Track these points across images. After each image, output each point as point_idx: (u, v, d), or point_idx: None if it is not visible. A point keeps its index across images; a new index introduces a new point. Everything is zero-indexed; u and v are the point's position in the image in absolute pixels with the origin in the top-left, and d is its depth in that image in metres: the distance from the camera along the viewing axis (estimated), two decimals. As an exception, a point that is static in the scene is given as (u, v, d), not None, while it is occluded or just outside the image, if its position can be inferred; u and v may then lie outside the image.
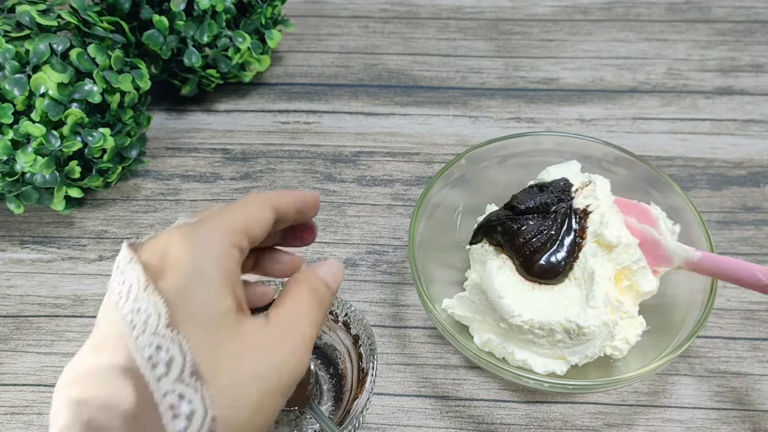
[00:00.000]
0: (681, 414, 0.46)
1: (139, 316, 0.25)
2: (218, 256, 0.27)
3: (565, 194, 0.44)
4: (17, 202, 0.51)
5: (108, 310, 0.27)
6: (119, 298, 0.26)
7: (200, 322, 0.26)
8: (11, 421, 0.46)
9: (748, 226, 0.55)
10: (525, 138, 0.49)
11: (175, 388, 0.24)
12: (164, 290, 0.26)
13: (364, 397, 0.41)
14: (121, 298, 0.26)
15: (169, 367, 0.24)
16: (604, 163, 0.49)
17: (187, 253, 0.27)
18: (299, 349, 0.28)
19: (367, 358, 0.43)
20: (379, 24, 0.71)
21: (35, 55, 0.47)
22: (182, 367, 0.25)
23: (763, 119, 0.62)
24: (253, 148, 0.61)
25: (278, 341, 0.28)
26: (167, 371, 0.24)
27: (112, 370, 0.25)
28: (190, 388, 0.24)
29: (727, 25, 0.70)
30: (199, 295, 0.26)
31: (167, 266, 0.27)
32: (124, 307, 0.26)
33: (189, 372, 0.25)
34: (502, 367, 0.40)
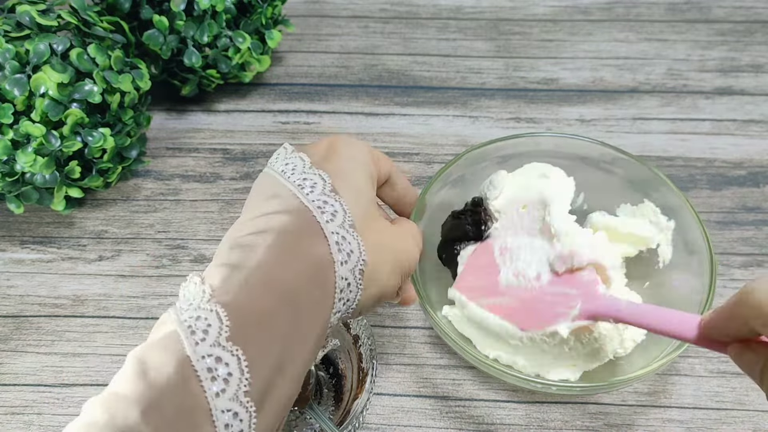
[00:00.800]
0: (681, 414, 0.46)
1: (307, 182, 0.33)
2: (366, 159, 0.36)
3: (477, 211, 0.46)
4: (17, 202, 0.51)
5: (269, 181, 0.34)
6: (285, 171, 0.33)
7: (354, 193, 0.34)
8: (11, 421, 0.46)
9: (748, 227, 0.55)
10: (524, 139, 0.49)
11: (338, 231, 0.32)
12: (327, 168, 0.34)
13: (364, 397, 0.41)
14: (285, 172, 0.33)
15: (334, 216, 0.32)
16: (602, 163, 0.49)
17: (346, 148, 0.35)
18: (416, 247, 0.38)
19: (367, 358, 0.43)
20: (379, 24, 0.71)
21: (35, 55, 0.47)
22: (344, 218, 0.32)
23: (763, 119, 0.62)
24: (253, 149, 0.61)
25: (404, 234, 0.37)
26: (333, 218, 0.32)
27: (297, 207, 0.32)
28: (350, 235, 0.32)
29: (727, 25, 0.70)
30: (352, 176, 0.34)
31: (332, 154, 0.35)
32: (291, 177, 0.33)
33: (349, 224, 0.32)
34: (511, 373, 0.40)
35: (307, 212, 0.32)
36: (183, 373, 0.26)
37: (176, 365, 0.26)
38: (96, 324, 0.50)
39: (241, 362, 0.27)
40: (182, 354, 0.27)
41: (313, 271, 0.31)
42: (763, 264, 0.53)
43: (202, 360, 0.26)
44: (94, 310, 0.51)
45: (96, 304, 0.51)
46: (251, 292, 0.29)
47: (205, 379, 0.26)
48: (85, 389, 0.47)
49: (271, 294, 0.29)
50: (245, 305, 0.28)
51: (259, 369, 0.28)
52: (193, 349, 0.27)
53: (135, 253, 0.54)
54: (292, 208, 0.32)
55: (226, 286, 0.29)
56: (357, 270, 0.32)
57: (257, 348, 0.28)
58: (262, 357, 0.28)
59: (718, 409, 0.46)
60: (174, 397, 0.26)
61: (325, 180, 0.33)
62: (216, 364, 0.27)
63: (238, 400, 0.27)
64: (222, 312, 0.28)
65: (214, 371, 0.26)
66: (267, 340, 0.28)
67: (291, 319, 0.29)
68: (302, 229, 0.31)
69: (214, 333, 0.27)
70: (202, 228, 0.56)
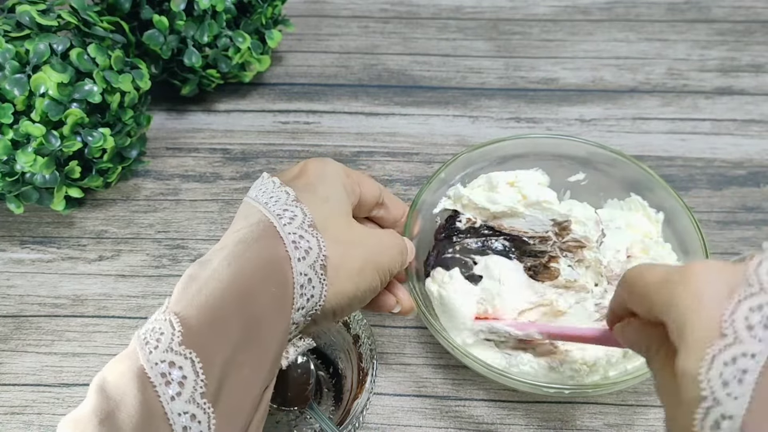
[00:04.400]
0: (681, 414, 0.46)
1: (272, 198, 0.34)
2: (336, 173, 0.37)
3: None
4: (17, 202, 0.51)
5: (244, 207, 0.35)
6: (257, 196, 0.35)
7: (318, 201, 0.35)
8: (11, 421, 0.46)
9: (748, 226, 0.55)
10: (521, 140, 0.49)
11: (296, 232, 0.33)
12: (296, 185, 0.35)
13: (364, 397, 0.41)
14: (257, 197, 0.35)
15: (292, 220, 0.33)
16: (600, 165, 0.49)
17: (316, 167, 0.37)
18: (396, 246, 0.38)
19: (367, 358, 0.43)
20: (379, 24, 0.71)
21: (35, 55, 0.47)
22: (303, 220, 0.33)
23: (763, 119, 0.62)
24: (253, 148, 0.61)
25: (381, 233, 0.38)
26: (291, 222, 0.33)
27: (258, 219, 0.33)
28: (308, 234, 0.33)
29: (727, 25, 0.70)
30: (321, 188, 0.36)
31: (302, 173, 0.37)
32: (260, 198, 0.34)
33: (308, 224, 0.33)
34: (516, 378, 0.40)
35: (266, 221, 0.33)
36: (138, 383, 0.27)
37: (131, 376, 0.27)
38: (96, 324, 0.50)
39: (195, 364, 0.28)
40: (137, 364, 0.28)
41: (269, 270, 0.31)
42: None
43: (155, 366, 0.27)
44: (93, 310, 0.51)
45: (96, 304, 0.51)
46: (204, 298, 0.30)
47: (159, 384, 0.27)
48: (85, 389, 0.47)
49: (224, 298, 0.30)
50: (198, 311, 0.29)
51: (214, 370, 0.28)
52: (146, 358, 0.28)
53: (135, 253, 0.54)
54: (254, 220, 0.33)
55: (180, 296, 0.30)
56: (318, 265, 0.32)
57: (211, 350, 0.28)
58: (216, 357, 0.28)
59: (718, 409, 0.46)
60: (129, 406, 0.27)
61: (289, 194, 0.34)
62: (169, 368, 0.27)
63: (195, 402, 0.27)
64: (174, 320, 0.29)
65: (168, 375, 0.27)
66: (221, 341, 0.29)
67: (246, 319, 0.30)
68: (259, 236, 0.32)
69: (166, 340, 0.28)
70: (202, 228, 0.56)
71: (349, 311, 0.36)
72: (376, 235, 0.38)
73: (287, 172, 0.38)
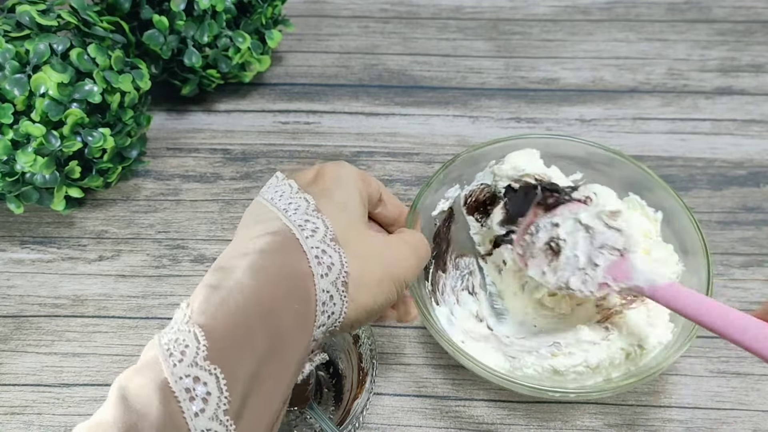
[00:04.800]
0: (681, 414, 0.46)
1: (291, 205, 0.33)
2: (353, 178, 0.36)
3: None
4: (17, 202, 0.51)
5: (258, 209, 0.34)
6: (273, 198, 0.34)
7: (337, 210, 0.34)
8: (11, 421, 0.46)
9: (748, 226, 0.55)
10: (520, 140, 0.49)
11: (318, 245, 0.32)
12: (313, 191, 0.35)
13: (364, 397, 0.41)
14: (273, 199, 0.34)
15: (315, 232, 0.32)
16: (599, 165, 0.49)
17: (333, 171, 0.36)
18: (413, 257, 0.37)
19: (367, 358, 0.43)
20: (379, 24, 0.71)
21: (35, 55, 0.47)
22: (325, 233, 0.33)
23: (763, 119, 0.62)
24: (253, 149, 0.61)
25: (398, 243, 0.37)
26: (314, 234, 0.32)
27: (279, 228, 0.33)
28: (330, 248, 0.32)
29: (727, 25, 0.70)
30: (338, 194, 0.35)
31: (319, 178, 0.36)
32: (278, 203, 0.34)
33: (330, 237, 0.32)
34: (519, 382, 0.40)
35: (288, 231, 0.32)
36: (161, 396, 0.27)
37: (155, 388, 0.27)
38: (96, 324, 0.50)
39: (219, 381, 0.27)
40: (161, 377, 0.27)
41: (292, 286, 0.31)
42: (764, 264, 0.53)
43: (180, 381, 0.27)
44: (94, 310, 0.51)
45: (96, 304, 0.51)
46: (229, 311, 0.29)
47: (184, 399, 0.27)
48: (85, 389, 0.47)
49: (248, 312, 0.29)
50: (222, 324, 0.29)
51: (237, 386, 0.28)
52: (171, 371, 0.27)
53: (135, 253, 0.54)
54: (275, 229, 0.32)
55: (204, 306, 0.29)
56: (339, 282, 0.32)
57: (235, 366, 0.28)
58: (240, 374, 0.28)
59: (718, 409, 0.46)
60: (153, 419, 0.26)
61: (308, 201, 0.34)
62: (194, 384, 0.27)
63: (218, 419, 0.27)
64: (199, 332, 0.28)
65: (192, 391, 0.27)
66: (245, 357, 0.29)
67: (270, 335, 0.30)
68: (282, 247, 0.32)
69: (191, 353, 0.28)
70: (202, 228, 0.56)
71: (365, 323, 0.35)
72: (392, 246, 0.37)
73: (302, 174, 0.37)
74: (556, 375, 0.42)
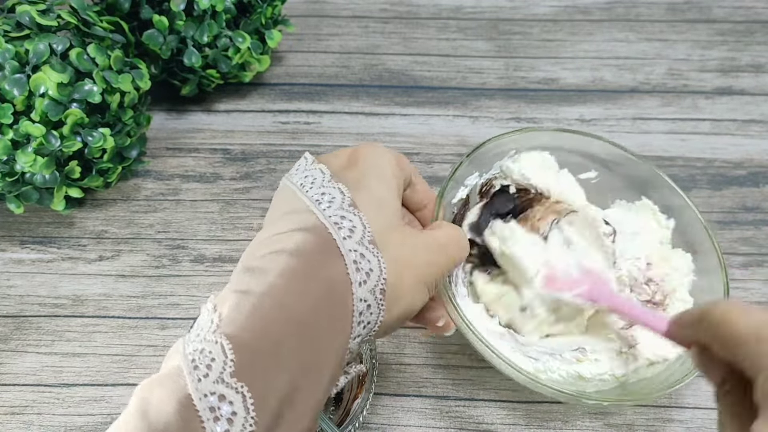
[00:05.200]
0: (681, 414, 0.46)
1: (325, 197, 0.31)
2: (390, 165, 0.34)
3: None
4: (17, 202, 0.51)
5: (288, 195, 0.32)
6: (304, 185, 0.32)
7: (375, 205, 0.32)
8: (11, 421, 0.46)
9: (748, 226, 0.55)
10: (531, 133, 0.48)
11: (356, 248, 0.30)
12: (348, 178, 0.32)
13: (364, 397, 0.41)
14: (304, 186, 0.32)
15: (352, 231, 0.30)
16: (613, 164, 0.49)
17: (369, 156, 0.34)
18: (446, 257, 0.35)
19: (367, 358, 0.43)
20: (379, 24, 0.71)
21: (35, 55, 0.47)
22: (363, 234, 0.30)
23: (763, 119, 0.62)
24: (253, 149, 0.61)
25: (429, 246, 0.34)
26: (351, 234, 0.30)
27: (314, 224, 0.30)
28: (369, 252, 0.30)
29: (727, 25, 0.70)
30: (375, 185, 0.33)
31: (353, 163, 0.33)
32: (309, 191, 0.32)
33: (368, 239, 0.30)
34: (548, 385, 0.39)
35: (323, 230, 0.30)
36: (184, 414, 0.25)
37: (177, 405, 0.25)
38: (96, 324, 0.50)
39: (246, 400, 0.26)
40: (184, 392, 0.25)
41: (328, 295, 0.29)
42: (763, 264, 0.53)
43: (204, 399, 0.25)
44: (94, 310, 0.51)
45: (96, 304, 0.51)
46: (260, 320, 0.27)
47: (207, 419, 0.25)
48: (85, 389, 0.47)
49: (281, 322, 0.28)
50: (252, 336, 0.27)
51: (267, 404, 0.26)
52: (195, 386, 0.25)
53: (135, 253, 0.54)
54: (309, 225, 0.30)
55: (233, 314, 0.27)
56: (378, 290, 0.30)
57: (265, 382, 0.26)
58: (269, 391, 0.26)
59: (718, 409, 0.46)
60: None
61: (344, 194, 0.31)
62: (219, 402, 0.25)
63: None
64: (227, 344, 0.26)
65: (216, 411, 0.25)
66: (276, 372, 0.27)
67: (303, 348, 0.28)
68: (317, 248, 0.29)
69: (217, 368, 0.26)
70: (202, 228, 0.56)
71: (392, 331, 0.34)
72: (427, 246, 0.34)
73: (333, 157, 0.34)
74: (580, 380, 0.42)
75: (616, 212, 0.49)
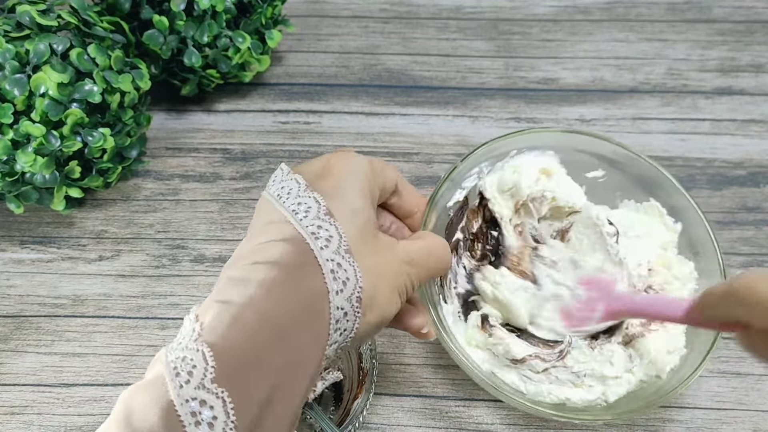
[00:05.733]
0: (681, 414, 0.46)
1: (301, 207, 0.32)
2: (363, 172, 0.34)
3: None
4: (17, 202, 0.51)
5: (266, 206, 0.33)
6: (281, 196, 0.33)
7: (350, 214, 0.32)
8: (11, 421, 0.46)
9: (748, 226, 0.55)
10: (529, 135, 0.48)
11: (333, 258, 0.31)
12: (323, 187, 0.33)
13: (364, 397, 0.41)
14: (281, 197, 0.33)
15: (329, 241, 0.31)
16: (621, 164, 0.48)
17: (342, 163, 0.34)
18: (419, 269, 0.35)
19: (367, 358, 0.43)
20: (379, 24, 0.71)
21: (35, 55, 0.47)
22: (339, 243, 0.31)
23: (763, 119, 0.62)
24: (253, 148, 0.61)
25: (402, 256, 0.34)
26: (328, 244, 0.31)
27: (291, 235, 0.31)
28: (345, 261, 0.31)
29: (727, 25, 0.70)
30: (350, 194, 0.33)
31: (327, 172, 0.34)
32: (286, 202, 0.32)
33: (344, 249, 0.31)
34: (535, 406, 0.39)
35: (301, 240, 0.31)
36: (166, 420, 0.26)
37: (159, 411, 0.26)
38: (96, 324, 0.50)
39: (226, 404, 0.26)
40: (166, 398, 0.26)
41: (307, 304, 0.30)
42: (764, 264, 0.53)
43: (185, 404, 0.26)
44: (93, 310, 0.51)
45: (96, 304, 0.51)
46: (240, 329, 0.28)
47: (189, 424, 0.26)
48: (85, 389, 0.47)
49: (261, 331, 0.28)
50: (233, 344, 0.28)
51: (247, 408, 0.27)
52: (177, 392, 0.26)
53: (135, 253, 0.54)
54: (287, 235, 0.31)
55: (214, 324, 0.28)
56: (354, 298, 0.31)
57: (244, 388, 0.27)
58: (249, 397, 0.27)
59: (718, 409, 0.46)
60: None
61: (319, 203, 0.32)
62: (200, 407, 0.26)
63: None
64: (208, 352, 0.27)
65: (198, 415, 0.26)
66: (255, 378, 0.28)
67: (282, 355, 0.29)
68: (295, 258, 0.30)
69: (198, 375, 0.27)
70: (202, 228, 0.56)
71: (369, 338, 0.34)
72: (400, 256, 0.34)
73: (308, 166, 0.35)
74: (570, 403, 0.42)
75: (623, 213, 0.48)
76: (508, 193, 0.47)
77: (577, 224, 0.46)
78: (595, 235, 0.45)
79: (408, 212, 0.40)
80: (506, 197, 0.47)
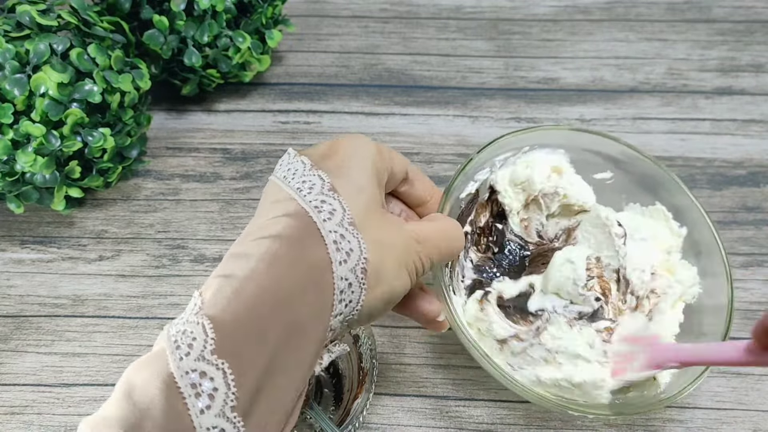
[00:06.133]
0: (681, 414, 0.46)
1: (306, 184, 0.32)
2: (369, 154, 0.34)
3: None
4: (17, 202, 0.51)
5: (273, 188, 0.33)
6: (286, 177, 0.33)
7: (354, 190, 0.33)
8: (11, 421, 0.46)
9: (748, 226, 0.55)
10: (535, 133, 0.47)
11: (336, 230, 0.31)
12: (327, 166, 0.33)
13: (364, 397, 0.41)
14: (286, 178, 0.33)
15: (332, 214, 0.31)
16: (629, 166, 0.48)
17: (348, 145, 0.34)
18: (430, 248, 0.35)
19: (367, 358, 0.43)
20: (379, 24, 0.71)
21: (35, 55, 0.47)
22: (343, 216, 0.31)
23: (763, 119, 0.62)
24: (253, 148, 0.61)
25: (411, 233, 0.34)
26: (331, 217, 0.31)
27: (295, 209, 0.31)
28: (349, 233, 0.31)
29: (727, 25, 0.70)
30: (355, 173, 0.33)
31: (332, 153, 0.34)
32: (291, 182, 0.32)
33: (348, 221, 0.31)
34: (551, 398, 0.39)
35: (304, 214, 0.31)
36: (166, 392, 0.26)
37: (160, 384, 0.26)
38: (96, 324, 0.50)
39: (227, 376, 0.26)
40: (167, 371, 0.26)
41: (309, 274, 0.30)
42: (764, 264, 0.53)
43: (185, 376, 0.26)
44: (94, 310, 0.51)
45: (96, 304, 0.51)
46: (241, 302, 0.28)
47: (189, 396, 0.26)
48: (85, 389, 0.47)
49: (262, 303, 0.28)
50: (234, 316, 0.28)
51: (248, 380, 0.27)
52: (177, 365, 0.26)
53: (135, 253, 0.54)
54: (290, 211, 0.31)
55: (216, 298, 0.28)
56: (359, 269, 0.31)
57: (245, 359, 0.27)
58: (250, 368, 0.27)
59: (718, 409, 0.46)
60: (157, 417, 0.25)
61: (323, 180, 0.32)
62: (200, 379, 0.26)
63: (225, 416, 0.26)
64: (208, 324, 0.27)
65: (198, 387, 0.26)
66: (256, 349, 0.27)
67: (284, 326, 0.28)
68: (298, 231, 0.30)
69: (198, 347, 0.27)
70: (202, 228, 0.56)
71: (384, 313, 0.34)
72: (409, 233, 0.34)
73: (314, 149, 0.35)
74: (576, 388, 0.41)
75: (629, 215, 0.48)
76: (519, 187, 0.47)
77: (584, 223, 0.46)
78: (603, 236, 0.45)
79: (420, 200, 0.40)
80: (518, 191, 0.47)
